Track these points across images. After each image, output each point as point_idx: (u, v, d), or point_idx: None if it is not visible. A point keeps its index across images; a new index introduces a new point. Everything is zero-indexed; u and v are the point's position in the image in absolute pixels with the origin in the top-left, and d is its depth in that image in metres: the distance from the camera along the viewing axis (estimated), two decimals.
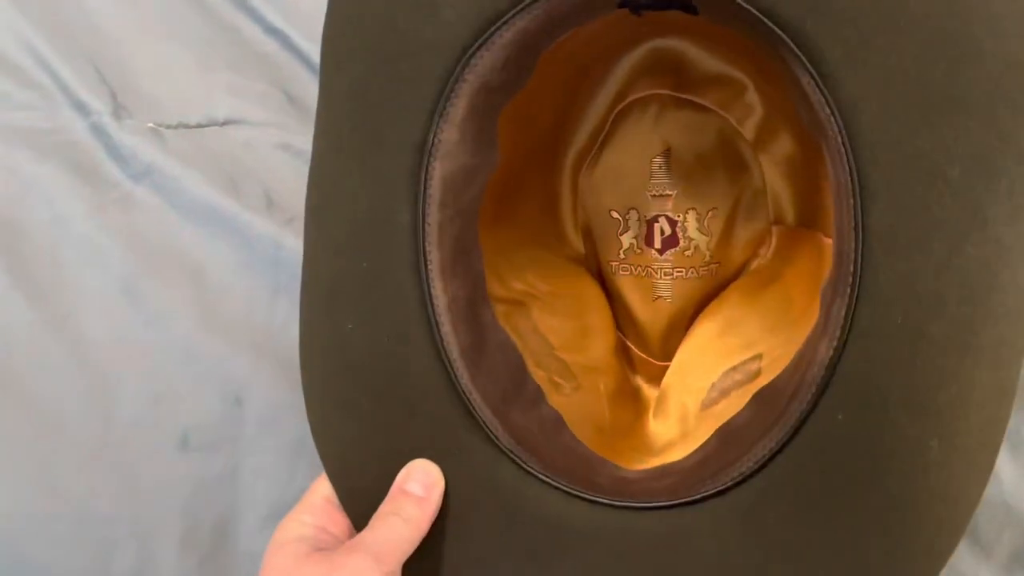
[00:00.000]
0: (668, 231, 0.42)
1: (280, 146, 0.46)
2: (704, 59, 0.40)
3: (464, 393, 0.29)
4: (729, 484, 0.27)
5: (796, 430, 0.26)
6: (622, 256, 0.43)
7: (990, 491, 0.39)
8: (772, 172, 0.42)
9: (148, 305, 0.43)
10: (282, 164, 0.46)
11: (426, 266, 0.28)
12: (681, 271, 0.42)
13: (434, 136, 0.28)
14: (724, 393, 0.39)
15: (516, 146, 0.37)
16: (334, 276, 0.29)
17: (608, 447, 0.35)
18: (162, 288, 0.43)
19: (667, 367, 0.43)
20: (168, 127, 0.47)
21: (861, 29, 0.24)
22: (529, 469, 0.29)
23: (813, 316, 0.29)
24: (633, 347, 0.44)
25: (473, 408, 0.29)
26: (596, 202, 0.43)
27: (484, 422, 0.29)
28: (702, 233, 0.42)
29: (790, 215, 0.42)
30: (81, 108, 0.46)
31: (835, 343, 0.25)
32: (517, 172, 0.40)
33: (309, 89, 0.48)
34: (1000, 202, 0.24)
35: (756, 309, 0.40)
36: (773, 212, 0.42)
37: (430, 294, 0.28)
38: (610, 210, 0.43)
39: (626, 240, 0.43)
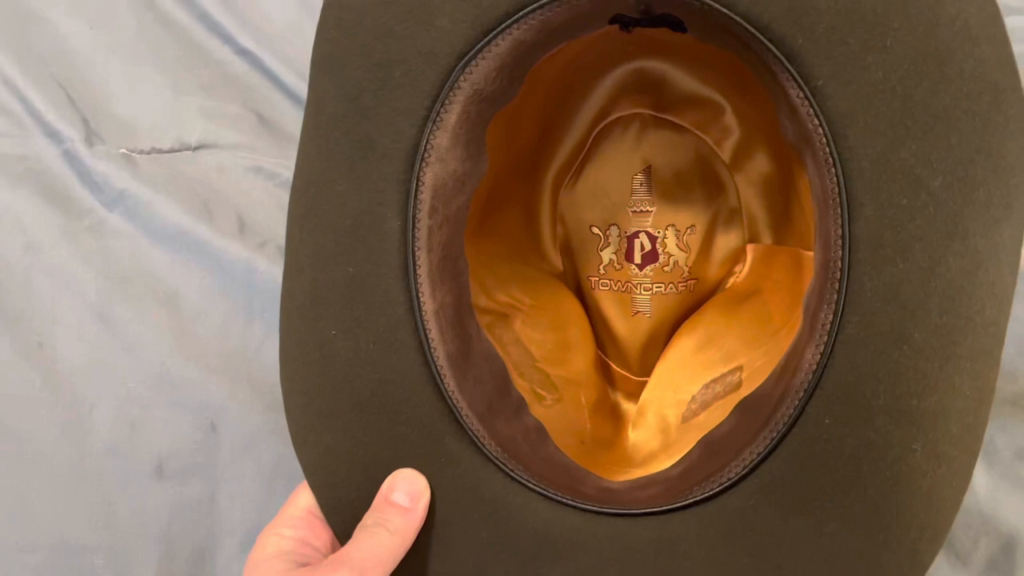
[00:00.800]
0: (648, 247, 0.43)
1: (252, 169, 0.46)
2: (684, 80, 0.41)
3: (450, 400, 0.28)
4: (716, 490, 0.27)
5: (784, 435, 0.26)
6: (602, 271, 0.44)
7: (966, 500, 0.39)
8: (748, 192, 0.43)
9: (122, 331, 0.43)
10: (254, 187, 0.46)
11: (415, 271, 0.28)
12: (660, 286, 0.43)
13: (427, 142, 0.28)
14: (705, 405, 0.39)
15: (501, 159, 0.37)
16: (318, 283, 0.29)
17: (590, 459, 0.35)
18: (136, 314, 0.43)
19: (645, 382, 0.43)
20: (141, 152, 0.47)
21: (850, 47, 0.25)
22: (517, 477, 0.28)
23: (794, 327, 0.30)
24: (611, 363, 0.44)
25: (460, 415, 0.28)
26: (577, 218, 0.44)
27: (470, 430, 0.28)
28: (681, 249, 0.43)
29: (765, 234, 0.43)
30: (53, 135, 0.46)
31: (821, 349, 0.25)
32: (501, 186, 0.40)
33: (281, 110, 0.48)
34: (978, 213, 0.24)
35: (734, 323, 0.41)
36: (748, 231, 0.43)
37: (418, 300, 0.28)
38: (591, 226, 0.44)
39: (606, 255, 0.44)
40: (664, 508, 0.27)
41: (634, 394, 0.43)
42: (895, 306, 0.25)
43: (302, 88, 0.48)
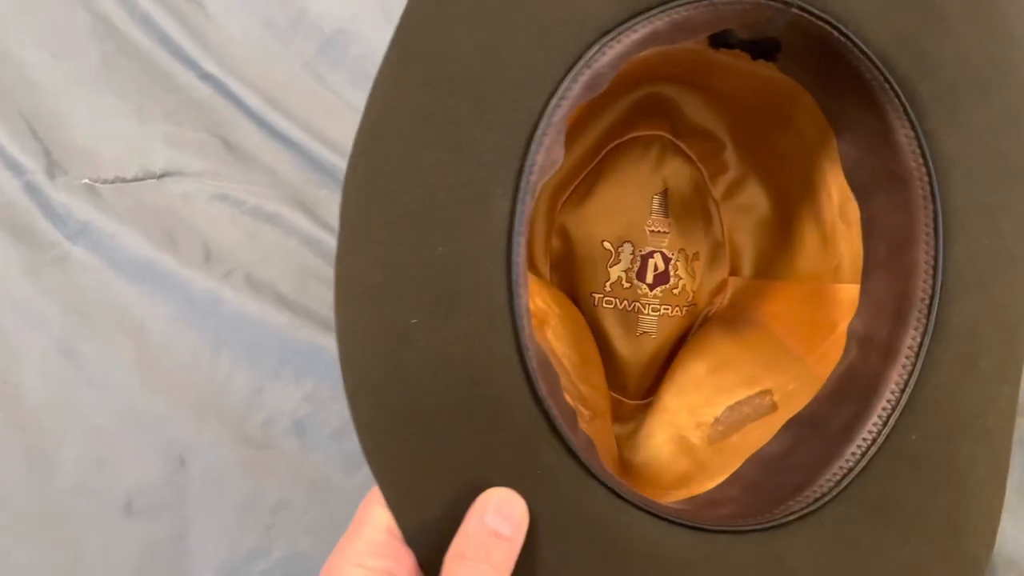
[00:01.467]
0: (662, 267, 0.43)
1: (218, 196, 0.45)
2: (695, 110, 0.42)
3: (547, 405, 0.25)
4: (814, 507, 0.27)
5: (877, 450, 0.27)
6: (608, 288, 0.43)
7: None
8: (736, 228, 0.43)
9: (88, 367, 0.42)
10: (220, 215, 0.45)
11: (516, 259, 0.25)
12: (667, 308, 0.43)
13: (551, 114, 0.25)
14: (735, 426, 0.38)
15: None
16: (394, 262, 0.24)
17: (623, 479, 0.34)
18: (101, 348, 0.42)
19: (638, 405, 0.42)
20: (105, 182, 0.46)
21: (962, 99, 0.28)
22: (620, 493, 0.26)
23: (826, 354, 0.32)
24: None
25: (556, 422, 0.25)
26: (585, 232, 0.43)
27: (568, 440, 0.25)
28: (689, 274, 0.43)
29: (747, 267, 0.43)
30: (15, 167, 0.46)
31: (910, 369, 0.27)
32: None
33: (246, 135, 0.48)
34: None
35: (746, 349, 0.41)
36: (730, 264, 0.44)
37: (517, 291, 0.25)
38: (603, 241, 0.43)
39: (615, 272, 0.43)
40: (768, 524, 0.27)
41: (625, 418, 0.42)
42: (972, 334, 0.27)
43: (268, 112, 0.47)
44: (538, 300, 0.39)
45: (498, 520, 0.23)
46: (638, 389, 0.43)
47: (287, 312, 0.43)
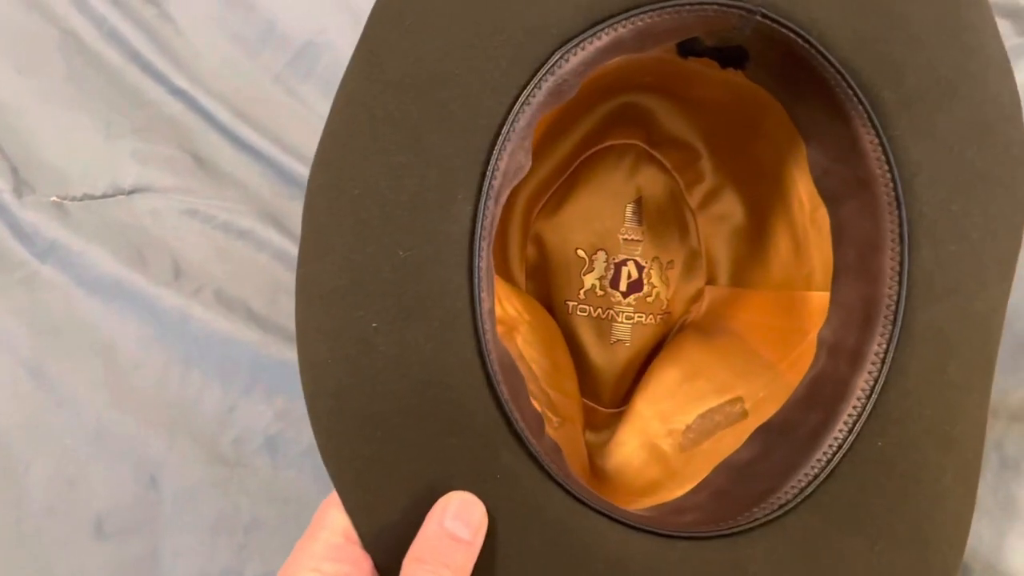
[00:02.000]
0: (635, 275, 0.43)
1: (187, 212, 0.45)
2: (670, 120, 0.42)
3: (508, 408, 0.25)
4: (779, 513, 0.27)
5: (842, 457, 0.27)
6: (582, 296, 0.43)
7: None
8: (712, 237, 0.43)
9: (57, 387, 0.42)
10: (189, 232, 0.45)
11: (479, 263, 0.25)
12: (641, 316, 0.43)
13: (514, 120, 0.25)
14: (706, 434, 0.38)
15: None
16: (356, 265, 0.25)
17: (594, 486, 0.34)
18: (71, 368, 0.42)
19: (612, 413, 0.42)
20: (73, 199, 0.46)
21: (926, 105, 0.28)
22: (580, 498, 0.26)
23: (796, 361, 0.32)
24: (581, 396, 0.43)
25: (517, 426, 0.25)
26: (560, 239, 0.43)
27: (529, 443, 0.25)
28: (663, 283, 0.43)
29: (723, 276, 0.43)
30: None
31: (876, 375, 0.27)
32: None
33: (217, 150, 0.47)
34: (997, 267, 0.28)
35: (719, 357, 0.41)
36: (707, 273, 0.44)
37: (479, 295, 0.25)
38: (576, 248, 0.43)
39: (589, 280, 0.43)
40: (731, 530, 0.27)
41: (599, 426, 0.42)
42: (940, 340, 0.27)
43: (238, 126, 0.47)
44: (508, 307, 0.39)
45: (456, 524, 0.24)
46: (613, 397, 0.43)
47: (258, 329, 0.43)
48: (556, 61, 0.26)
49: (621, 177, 0.43)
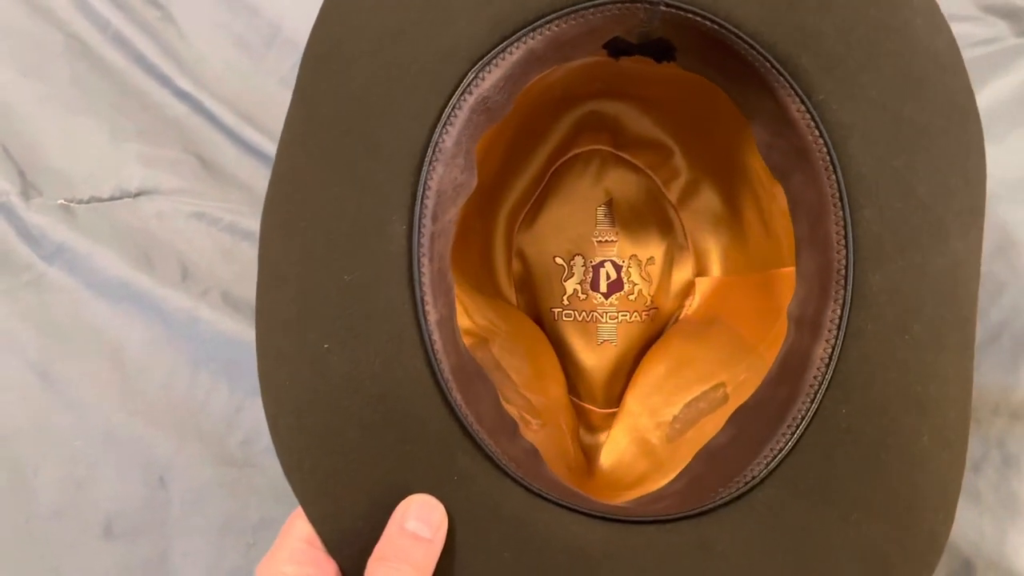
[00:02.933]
0: (614, 275, 0.44)
1: (194, 215, 0.45)
2: (637, 122, 0.43)
3: (460, 414, 0.26)
4: (744, 489, 0.27)
5: (806, 428, 0.27)
6: (566, 302, 0.44)
7: None
8: (695, 229, 0.44)
9: (65, 389, 0.42)
10: (196, 234, 0.45)
11: (420, 278, 0.26)
12: (625, 314, 0.44)
13: (436, 143, 0.27)
14: (690, 423, 0.39)
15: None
16: (306, 293, 0.26)
17: (579, 484, 0.35)
18: (79, 371, 0.42)
19: (610, 414, 0.43)
20: (80, 202, 0.46)
21: (848, 67, 0.27)
22: (539, 493, 0.27)
23: (775, 340, 0.31)
24: (574, 398, 0.44)
25: (471, 428, 0.26)
26: (539, 250, 0.44)
27: (484, 445, 0.26)
28: (644, 279, 0.44)
29: (714, 266, 0.44)
30: None
31: (832, 343, 0.27)
32: (464, 219, 0.40)
33: (222, 152, 0.48)
34: (955, 218, 0.27)
35: (705, 346, 0.41)
36: (696, 266, 0.44)
37: (423, 308, 0.26)
38: (554, 256, 0.44)
39: (570, 286, 0.44)
40: (696, 511, 0.27)
41: (599, 427, 0.43)
42: (897, 300, 0.27)
43: (243, 129, 0.47)
44: (478, 318, 0.40)
45: (418, 524, 0.25)
46: (607, 398, 0.44)
47: None
48: (472, 81, 0.27)
49: (588, 182, 0.44)
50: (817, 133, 0.27)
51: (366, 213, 0.26)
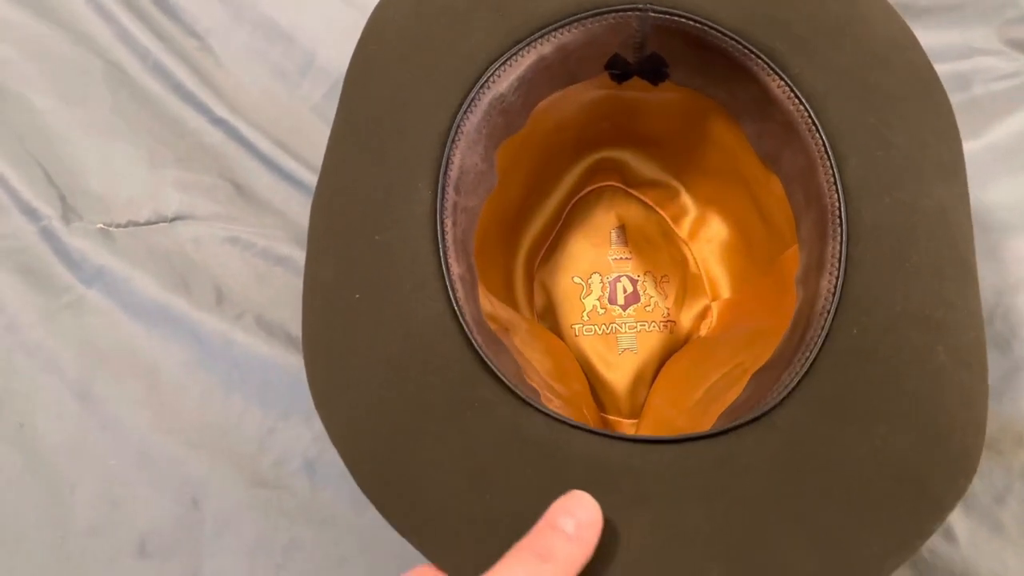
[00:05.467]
0: (630, 289, 0.46)
1: (228, 240, 0.46)
2: (643, 166, 0.46)
3: (482, 352, 0.28)
4: (766, 410, 0.27)
5: (818, 353, 0.28)
6: (586, 318, 0.45)
7: (946, 547, 0.39)
8: (707, 259, 0.46)
9: (102, 409, 0.43)
10: (231, 258, 0.46)
11: (443, 235, 0.29)
12: (644, 324, 0.45)
13: (457, 126, 0.30)
14: (713, 399, 0.39)
15: (493, 211, 0.38)
16: (343, 257, 0.29)
17: None
18: (116, 391, 0.43)
19: (634, 423, 0.43)
20: (118, 226, 0.47)
21: (816, 46, 0.32)
22: (559, 418, 0.27)
23: (785, 313, 0.32)
24: (604, 413, 0.44)
25: (492, 363, 0.27)
26: (558, 279, 0.46)
27: (505, 378, 0.27)
28: (659, 292, 0.46)
29: (725, 290, 0.45)
30: (30, 212, 0.47)
31: (836, 275, 0.29)
32: (489, 243, 0.42)
33: (257, 178, 0.49)
34: (935, 167, 0.30)
35: (723, 342, 0.42)
36: (710, 292, 0.46)
37: (446, 261, 0.29)
38: (572, 276, 0.46)
39: (589, 302, 0.46)
40: (717, 431, 0.27)
41: None
42: (890, 232, 0.29)
43: (278, 155, 0.49)
44: (501, 312, 0.40)
45: (564, 518, 0.24)
46: (632, 408, 0.44)
47: (297, 353, 0.44)
48: (489, 76, 0.31)
49: (602, 212, 0.47)
50: (798, 102, 0.31)
51: (396, 184, 0.30)
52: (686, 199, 0.47)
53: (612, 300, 0.45)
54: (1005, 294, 0.44)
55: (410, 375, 0.27)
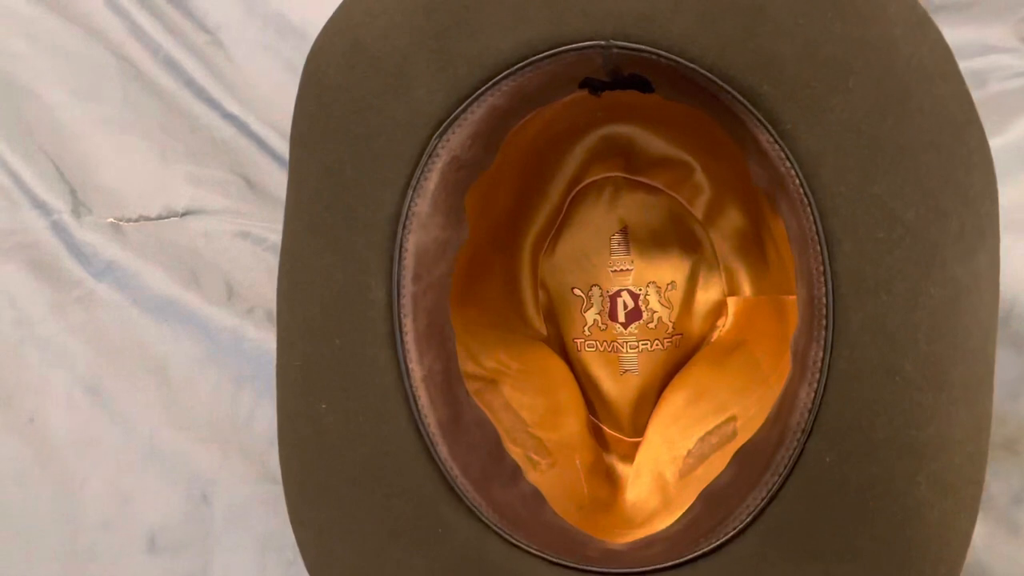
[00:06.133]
0: (631, 304, 0.43)
1: (239, 234, 0.46)
2: (652, 143, 0.42)
3: (444, 467, 0.28)
4: (722, 541, 0.26)
5: (787, 477, 0.26)
6: (587, 332, 0.44)
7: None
8: (724, 247, 0.43)
9: (112, 404, 0.43)
10: (242, 253, 0.46)
11: (401, 338, 0.28)
12: (646, 343, 0.43)
13: (408, 209, 0.28)
14: (702, 458, 0.38)
15: (479, 228, 0.37)
16: (308, 357, 0.29)
17: (590, 523, 0.35)
18: (126, 386, 0.43)
19: (638, 442, 0.43)
20: (129, 221, 0.47)
21: (814, 90, 0.25)
22: (518, 543, 0.28)
23: (783, 372, 0.30)
24: (603, 426, 0.44)
25: (454, 483, 0.28)
26: (558, 282, 0.44)
27: (466, 497, 0.28)
28: (663, 306, 0.43)
29: (744, 286, 0.43)
30: (41, 207, 0.47)
31: (815, 387, 0.25)
32: (479, 256, 0.40)
33: (267, 173, 0.49)
34: (953, 243, 0.25)
35: (724, 375, 0.41)
36: (727, 285, 0.43)
37: (406, 367, 0.28)
38: (572, 288, 0.44)
39: (590, 316, 0.44)
40: (669, 564, 0.27)
41: (628, 456, 0.43)
42: (882, 338, 0.25)
43: (288, 150, 0.48)
44: (487, 361, 0.40)
45: None
46: (634, 427, 0.43)
47: None
48: (436, 145, 0.28)
49: (601, 212, 0.44)
50: (789, 164, 0.26)
51: (350, 281, 0.28)
52: (701, 177, 0.42)
53: (613, 316, 0.43)
54: (1021, 294, 0.43)
55: (375, 497, 0.28)
